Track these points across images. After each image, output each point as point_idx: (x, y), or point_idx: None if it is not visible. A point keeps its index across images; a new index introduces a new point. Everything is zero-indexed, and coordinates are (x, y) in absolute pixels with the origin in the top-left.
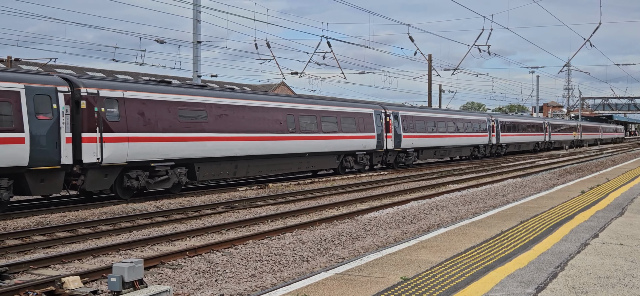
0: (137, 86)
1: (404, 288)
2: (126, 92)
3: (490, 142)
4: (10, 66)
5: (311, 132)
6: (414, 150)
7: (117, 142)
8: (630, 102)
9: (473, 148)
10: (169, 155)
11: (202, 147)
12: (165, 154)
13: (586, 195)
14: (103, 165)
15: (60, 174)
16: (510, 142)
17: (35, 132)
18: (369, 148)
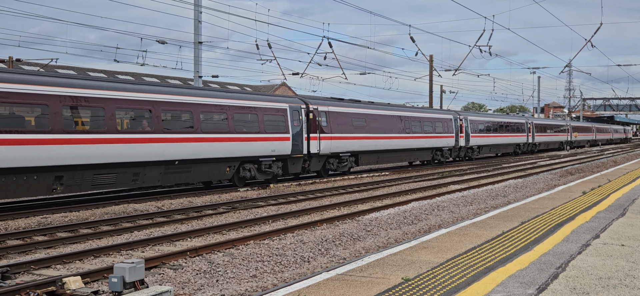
0: (334, 102)
1: (405, 289)
2: (330, 107)
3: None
4: (12, 67)
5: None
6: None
7: (327, 139)
8: (631, 103)
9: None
10: (348, 148)
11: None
12: (345, 148)
13: (587, 195)
14: (320, 154)
15: (302, 159)
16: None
17: (293, 133)
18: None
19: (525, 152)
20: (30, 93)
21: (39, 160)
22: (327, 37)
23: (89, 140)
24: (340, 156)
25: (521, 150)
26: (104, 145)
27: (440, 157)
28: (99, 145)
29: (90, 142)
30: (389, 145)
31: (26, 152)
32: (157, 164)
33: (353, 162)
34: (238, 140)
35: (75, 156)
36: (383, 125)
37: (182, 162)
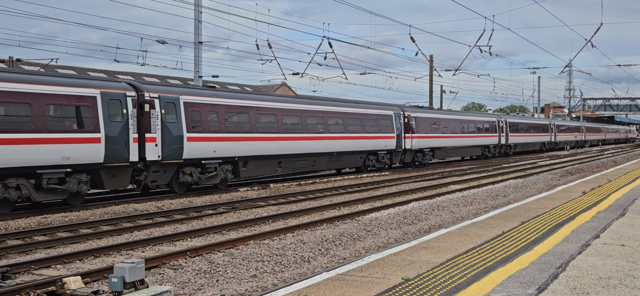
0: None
1: (405, 289)
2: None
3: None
4: (12, 67)
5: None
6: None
7: (416, 139)
8: (631, 103)
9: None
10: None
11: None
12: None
13: (587, 195)
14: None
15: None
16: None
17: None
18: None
19: (549, 149)
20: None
21: (271, 151)
22: (327, 37)
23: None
24: (423, 151)
25: (546, 148)
26: (301, 142)
27: (487, 153)
28: (297, 142)
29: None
30: (455, 143)
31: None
32: (326, 154)
33: (431, 156)
34: (367, 138)
35: (289, 148)
36: (450, 128)
37: (338, 153)
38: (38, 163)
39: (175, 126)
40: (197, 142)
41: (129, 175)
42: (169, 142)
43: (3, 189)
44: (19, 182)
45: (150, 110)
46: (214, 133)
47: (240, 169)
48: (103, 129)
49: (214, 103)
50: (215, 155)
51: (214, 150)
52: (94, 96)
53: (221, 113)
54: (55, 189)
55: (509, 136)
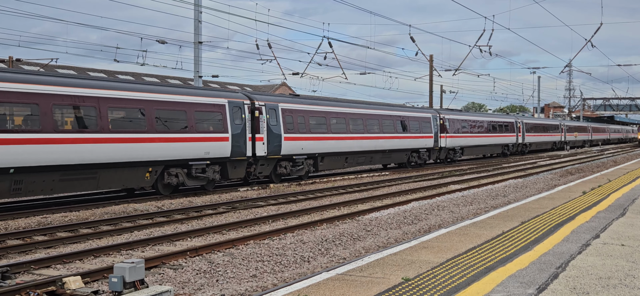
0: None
1: (405, 289)
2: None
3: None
4: (12, 66)
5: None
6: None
7: (449, 138)
8: (631, 103)
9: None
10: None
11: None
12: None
13: (587, 195)
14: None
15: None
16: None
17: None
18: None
19: (559, 148)
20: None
21: (341, 148)
22: (327, 37)
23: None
24: (455, 149)
25: (557, 147)
26: (363, 141)
27: (506, 151)
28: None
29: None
30: (480, 142)
31: (340, 144)
32: (380, 151)
33: (461, 153)
34: (412, 138)
35: (354, 146)
36: (476, 128)
37: (390, 150)
38: (189, 156)
39: (276, 128)
40: (290, 141)
41: (244, 167)
42: (272, 141)
43: (167, 176)
44: (177, 171)
45: (259, 115)
46: (302, 133)
47: (318, 163)
48: (230, 131)
49: (302, 109)
50: (302, 152)
51: (301, 148)
52: (224, 104)
53: (307, 118)
54: (199, 177)
55: (526, 136)
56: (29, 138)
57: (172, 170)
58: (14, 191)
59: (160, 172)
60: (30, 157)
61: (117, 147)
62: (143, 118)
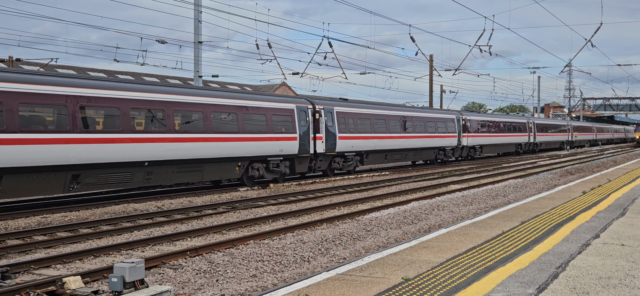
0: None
1: (405, 289)
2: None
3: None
4: (12, 66)
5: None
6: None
7: (471, 137)
8: (631, 103)
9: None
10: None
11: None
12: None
13: (587, 195)
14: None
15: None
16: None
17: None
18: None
19: (568, 146)
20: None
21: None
22: (327, 37)
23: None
24: (475, 147)
25: (564, 146)
26: (399, 140)
27: (519, 149)
28: (397, 140)
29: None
30: (497, 141)
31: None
32: (413, 150)
33: (480, 151)
34: (439, 137)
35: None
36: (494, 128)
37: (421, 148)
38: (268, 153)
39: (332, 128)
40: (343, 140)
41: (307, 162)
42: (329, 140)
43: (251, 170)
44: (259, 165)
45: (319, 117)
46: (353, 133)
47: (364, 159)
48: (298, 131)
49: (352, 112)
50: (352, 149)
51: (352, 146)
52: (293, 109)
53: (355, 120)
54: (274, 170)
55: (537, 135)
56: (158, 137)
57: (255, 165)
58: (146, 180)
59: (246, 166)
60: (158, 153)
61: (218, 145)
62: (235, 122)
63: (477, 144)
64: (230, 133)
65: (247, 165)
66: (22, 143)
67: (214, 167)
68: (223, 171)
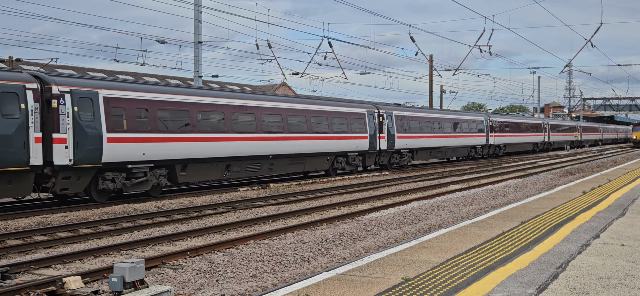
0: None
1: (405, 289)
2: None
3: (544, 140)
4: (12, 66)
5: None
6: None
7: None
8: (631, 103)
9: (533, 145)
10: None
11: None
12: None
13: (587, 195)
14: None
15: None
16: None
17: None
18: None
19: (576, 146)
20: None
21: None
22: (327, 37)
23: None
24: (500, 146)
25: (573, 145)
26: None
27: (536, 148)
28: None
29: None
30: (517, 140)
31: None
32: (451, 147)
33: (503, 149)
34: (471, 136)
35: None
36: (515, 129)
37: (457, 147)
38: (348, 150)
39: (391, 129)
40: (400, 139)
41: (374, 157)
42: (390, 139)
43: (336, 162)
44: (341, 159)
45: (383, 120)
46: (406, 133)
47: (415, 155)
48: (368, 131)
49: (406, 115)
50: (406, 147)
51: (406, 144)
52: (364, 113)
53: (408, 121)
54: (351, 164)
55: (550, 135)
56: (278, 136)
57: (338, 159)
58: (270, 169)
59: (332, 160)
60: (278, 149)
61: (315, 143)
62: (327, 124)
63: (501, 143)
64: (323, 134)
65: (333, 159)
66: (197, 140)
67: (312, 160)
68: (318, 163)
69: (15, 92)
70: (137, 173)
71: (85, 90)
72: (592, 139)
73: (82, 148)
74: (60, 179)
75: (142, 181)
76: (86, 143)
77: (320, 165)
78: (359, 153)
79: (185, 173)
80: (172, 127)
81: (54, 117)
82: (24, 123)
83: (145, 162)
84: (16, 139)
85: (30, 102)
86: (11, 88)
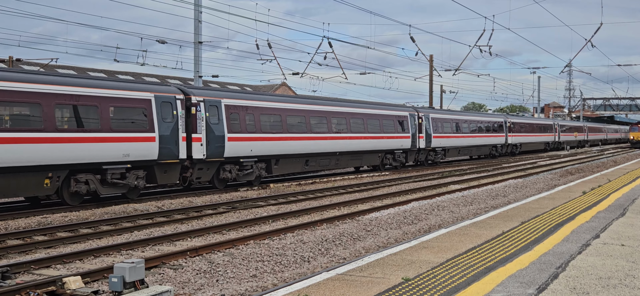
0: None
1: (405, 289)
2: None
3: (555, 139)
4: (12, 66)
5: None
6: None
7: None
8: (631, 103)
9: (546, 145)
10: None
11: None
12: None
13: (587, 195)
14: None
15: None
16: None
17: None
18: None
19: (582, 146)
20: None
21: (460, 144)
22: (327, 37)
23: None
24: (516, 145)
25: (581, 145)
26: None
27: (547, 147)
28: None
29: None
30: (531, 139)
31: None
32: (475, 147)
33: (519, 147)
34: (491, 136)
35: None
36: (529, 129)
37: (480, 146)
38: (394, 147)
39: (428, 130)
40: (436, 139)
41: (415, 155)
42: (427, 139)
43: (385, 159)
44: (387, 156)
45: (421, 122)
46: (441, 134)
47: (446, 153)
48: (410, 131)
49: (441, 117)
50: (440, 146)
51: (441, 143)
52: (407, 115)
53: (442, 123)
54: (397, 159)
55: (561, 135)
56: (342, 136)
57: (387, 156)
58: (336, 164)
59: (382, 157)
60: (343, 147)
61: (370, 142)
62: (378, 125)
63: (518, 142)
64: (376, 134)
65: (383, 156)
66: (287, 139)
67: (368, 157)
68: (372, 159)
69: (170, 101)
70: (246, 166)
71: (213, 99)
72: (597, 139)
73: (211, 146)
74: (196, 170)
75: (249, 172)
76: (214, 142)
77: (373, 161)
78: (404, 150)
79: (278, 165)
80: (270, 128)
81: (193, 121)
82: (175, 126)
83: (252, 157)
84: (172, 138)
85: (179, 109)
86: (168, 99)
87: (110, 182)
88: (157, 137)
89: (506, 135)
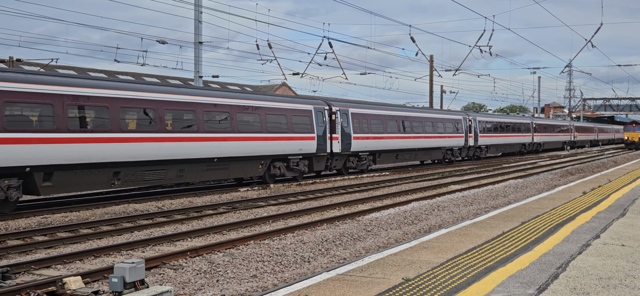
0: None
1: (406, 289)
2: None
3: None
4: (12, 66)
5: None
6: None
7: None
8: (632, 103)
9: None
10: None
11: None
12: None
13: (588, 195)
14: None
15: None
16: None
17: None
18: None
19: (594, 145)
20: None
21: (497, 142)
22: (327, 38)
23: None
24: (540, 144)
25: (593, 145)
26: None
27: (565, 146)
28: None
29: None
30: (551, 139)
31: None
32: (510, 145)
33: (542, 146)
34: (521, 136)
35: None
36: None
37: (514, 144)
38: (450, 145)
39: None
40: (482, 138)
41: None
42: (344, 140)
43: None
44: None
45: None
46: (487, 133)
47: (377, 158)
48: (315, 131)
49: (485, 119)
50: (485, 143)
51: (486, 141)
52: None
53: (487, 124)
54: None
55: (576, 135)
56: (409, 136)
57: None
58: (397, 159)
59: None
60: (408, 144)
61: (415, 141)
62: (421, 126)
63: (542, 141)
64: (441, 134)
65: (445, 151)
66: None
67: (435, 152)
68: (437, 155)
69: (322, 111)
70: (362, 158)
71: (344, 109)
72: (606, 139)
73: (343, 143)
74: (334, 160)
75: (364, 162)
76: (345, 140)
77: (438, 156)
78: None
79: (380, 158)
80: (375, 130)
81: (333, 124)
82: (325, 128)
83: (365, 151)
84: (323, 138)
85: (326, 116)
86: (320, 109)
87: (291, 168)
88: (315, 136)
89: (533, 134)
